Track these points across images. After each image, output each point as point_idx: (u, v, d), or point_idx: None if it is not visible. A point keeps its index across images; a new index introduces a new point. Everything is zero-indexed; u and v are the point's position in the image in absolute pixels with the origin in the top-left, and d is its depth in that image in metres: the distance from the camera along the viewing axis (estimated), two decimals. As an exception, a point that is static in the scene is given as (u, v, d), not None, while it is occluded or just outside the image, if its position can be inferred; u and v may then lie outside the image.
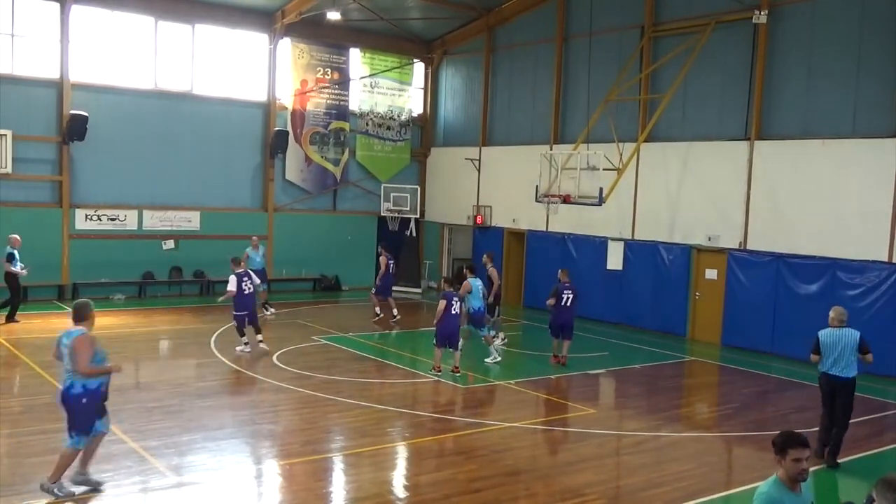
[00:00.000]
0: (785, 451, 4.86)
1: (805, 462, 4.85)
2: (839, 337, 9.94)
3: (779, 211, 17.26)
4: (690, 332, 18.95)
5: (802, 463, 4.83)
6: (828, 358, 9.95)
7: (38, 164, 20.32)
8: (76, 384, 7.71)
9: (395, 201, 24.91)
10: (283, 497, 8.49)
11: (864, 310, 15.57)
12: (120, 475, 8.51)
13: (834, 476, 9.73)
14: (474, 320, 15.22)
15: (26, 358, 13.75)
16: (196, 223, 22.50)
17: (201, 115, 22.45)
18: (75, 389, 7.71)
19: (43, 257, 20.18)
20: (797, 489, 4.92)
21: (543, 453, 10.06)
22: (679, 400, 13.87)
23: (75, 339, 7.67)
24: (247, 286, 15.11)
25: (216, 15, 22.29)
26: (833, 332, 10.00)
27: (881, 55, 15.80)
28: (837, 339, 9.94)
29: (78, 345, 7.62)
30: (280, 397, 12.19)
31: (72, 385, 7.72)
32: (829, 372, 9.98)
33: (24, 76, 19.96)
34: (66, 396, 7.73)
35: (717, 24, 18.19)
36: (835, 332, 9.99)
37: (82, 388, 7.72)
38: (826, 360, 9.97)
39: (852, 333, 9.96)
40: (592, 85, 19.97)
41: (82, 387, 7.72)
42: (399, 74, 26.00)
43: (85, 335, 7.73)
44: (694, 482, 9.16)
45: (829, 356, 9.94)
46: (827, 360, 9.96)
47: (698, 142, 18.81)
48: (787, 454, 4.85)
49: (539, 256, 22.50)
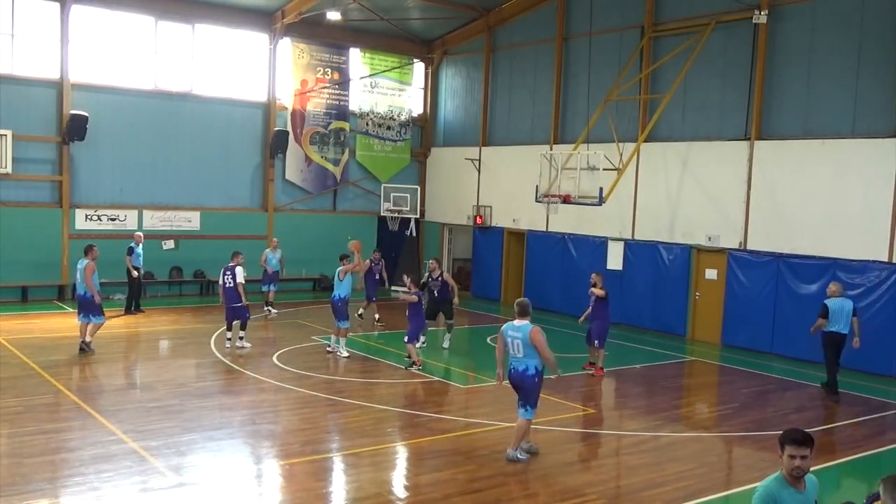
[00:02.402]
0: (783, 446, 5.01)
1: (799, 459, 4.95)
2: (842, 305, 13.25)
3: (779, 211, 17.26)
4: (690, 332, 18.96)
5: (796, 460, 4.94)
6: (836, 321, 13.15)
7: (38, 164, 20.33)
8: (530, 366, 9.47)
9: (395, 201, 24.90)
10: (282, 497, 8.49)
11: (864, 310, 15.56)
12: (120, 475, 8.51)
13: (834, 476, 9.74)
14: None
15: (26, 358, 13.75)
16: (196, 223, 22.51)
17: (201, 115, 22.46)
18: (530, 371, 9.48)
19: (43, 257, 20.22)
20: (800, 486, 5.00)
21: (543, 453, 10.04)
22: (679, 400, 13.87)
23: (530, 332, 9.41)
24: (227, 280, 15.27)
25: (216, 15, 22.29)
26: (837, 300, 13.27)
27: (881, 55, 15.81)
28: (841, 306, 13.23)
29: (535, 336, 9.39)
30: (280, 397, 12.19)
31: (526, 368, 9.48)
32: (837, 330, 13.19)
33: (24, 76, 19.97)
34: (525, 378, 9.49)
35: (717, 24, 18.19)
36: (838, 301, 13.27)
37: (535, 370, 9.48)
38: (835, 323, 13.15)
39: (849, 302, 13.42)
40: (592, 85, 19.97)
41: (535, 369, 9.48)
42: (399, 74, 26.01)
43: (535, 328, 9.51)
44: (694, 482, 9.15)
45: (837, 319, 13.15)
46: (836, 323, 13.16)
47: (698, 142, 18.81)
48: (784, 450, 5.00)
49: (539, 256, 22.51)
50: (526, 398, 9.55)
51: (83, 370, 13.53)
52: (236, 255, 15.72)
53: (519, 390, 9.63)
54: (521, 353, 9.49)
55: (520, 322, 9.57)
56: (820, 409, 13.24)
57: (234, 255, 15.71)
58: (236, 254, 15.76)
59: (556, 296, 21.64)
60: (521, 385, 9.56)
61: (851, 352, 15.72)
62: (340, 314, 15.19)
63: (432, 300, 16.56)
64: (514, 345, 9.55)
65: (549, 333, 19.17)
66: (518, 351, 9.52)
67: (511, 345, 9.58)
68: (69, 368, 13.56)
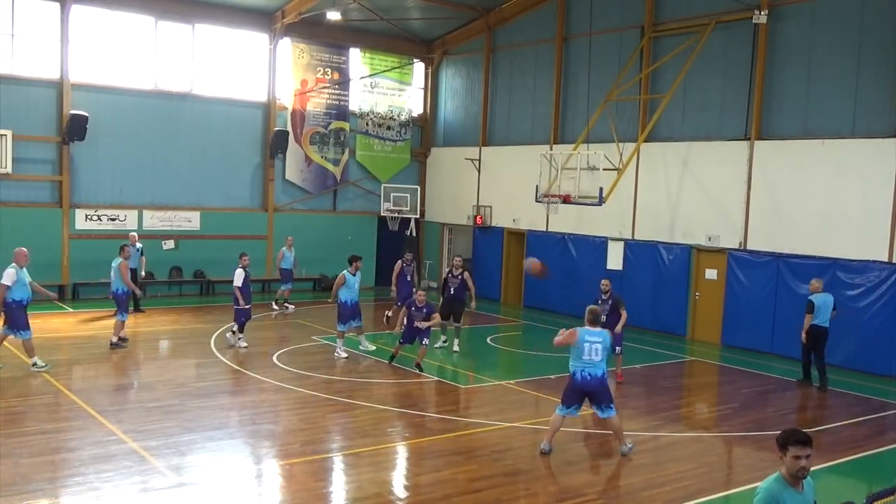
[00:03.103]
0: (786, 448, 4.98)
1: (804, 459, 4.94)
2: (825, 300, 14.12)
3: (779, 211, 17.26)
4: (690, 332, 18.96)
5: (801, 460, 4.93)
6: (819, 315, 13.96)
7: (38, 164, 20.33)
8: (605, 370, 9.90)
9: (395, 201, 24.90)
10: (282, 497, 8.49)
11: (864, 310, 15.61)
12: (120, 475, 8.52)
13: (834, 476, 9.73)
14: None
15: (26, 358, 13.75)
16: (196, 223, 22.51)
17: (201, 115, 22.46)
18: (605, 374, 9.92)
19: (43, 257, 20.16)
20: (799, 487, 5.01)
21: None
22: (679, 400, 13.87)
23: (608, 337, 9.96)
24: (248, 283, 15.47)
25: (216, 15, 22.30)
26: (820, 296, 14.13)
27: (881, 55, 15.81)
28: (824, 300, 14.10)
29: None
30: (280, 397, 12.19)
31: (603, 372, 9.87)
32: (818, 324, 13.98)
33: (24, 76, 19.96)
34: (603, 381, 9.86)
35: (717, 24, 18.19)
36: (822, 296, 14.14)
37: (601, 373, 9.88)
38: (818, 317, 13.96)
39: (830, 297, 14.27)
40: (592, 85, 19.97)
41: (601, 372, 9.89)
42: (399, 74, 26.01)
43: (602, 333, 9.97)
44: (694, 482, 9.15)
45: (820, 313, 13.97)
46: (819, 317, 13.96)
47: (698, 142, 18.81)
48: (787, 451, 4.97)
49: (539, 256, 22.35)
50: (604, 398, 9.87)
51: (83, 370, 13.53)
52: (240, 257, 15.72)
53: (594, 395, 9.84)
54: (599, 357, 9.78)
55: (594, 328, 9.90)
56: (820, 409, 13.25)
57: (239, 256, 15.74)
58: (240, 256, 15.76)
59: (556, 296, 21.65)
60: (599, 389, 9.82)
61: (852, 352, 15.78)
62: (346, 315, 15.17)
63: (448, 299, 16.17)
64: (592, 350, 9.74)
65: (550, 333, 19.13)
66: (596, 355, 9.76)
67: (589, 350, 9.74)
68: (69, 368, 13.56)
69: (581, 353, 9.76)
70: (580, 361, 9.78)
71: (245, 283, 15.32)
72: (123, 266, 15.39)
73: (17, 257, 13.01)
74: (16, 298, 12.83)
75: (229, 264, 22.61)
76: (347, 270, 15.35)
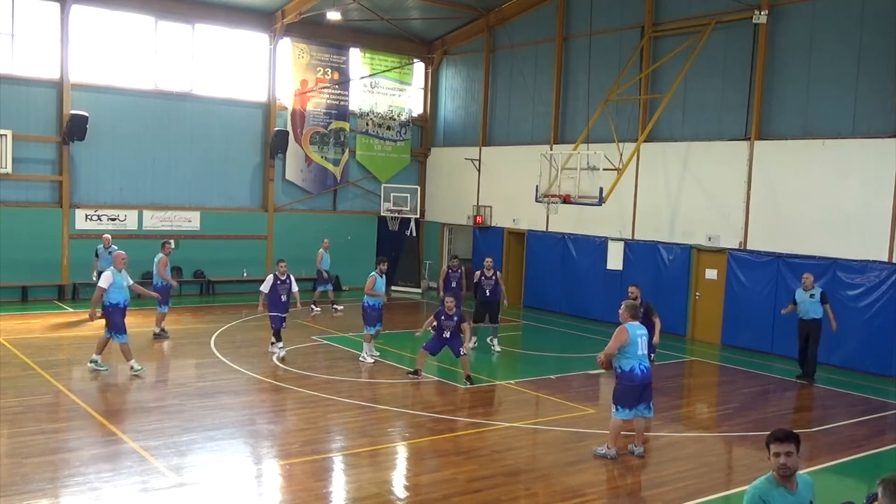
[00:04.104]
0: (768, 446, 5.04)
1: (784, 457, 4.94)
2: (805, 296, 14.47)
3: (779, 211, 17.26)
4: (690, 332, 18.96)
5: (781, 457, 4.95)
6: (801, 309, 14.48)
7: (38, 164, 20.32)
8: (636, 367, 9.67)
9: (395, 201, 24.91)
10: (282, 497, 8.49)
11: (864, 310, 15.61)
12: (120, 475, 8.51)
13: (834, 476, 9.73)
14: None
15: (26, 358, 13.75)
16: (196, 223, 22.51)
17: (201, 115, 22.45)
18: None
19: (43, 257, 20.21)
20: (790, 486, 4.99)
21: (543, 453, 10.06)
22: (679, 400, 13.86)
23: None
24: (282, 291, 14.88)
25: (216, 15, 22.29)
26: (804, 292, 14.49)
27: (881, 55, 15.80)
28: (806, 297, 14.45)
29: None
30: (280, 397, 12.19)
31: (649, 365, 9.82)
32: (804, 318, 14.51)
33: (24, 76, 19.96)
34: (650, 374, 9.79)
35: (717, 24, 18.19)
36: (804, 293, 14.47)
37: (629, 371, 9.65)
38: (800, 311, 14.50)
39: (817, 292, 14.48)
40: (592, 85, 19.97)
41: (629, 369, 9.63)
42: (399, 74, 26.00)
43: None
44: (694, 482, 9.15)
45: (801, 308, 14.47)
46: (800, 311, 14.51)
47: (698, 142, 18.81)
48: (769, 449, 5.02)
49: (539, 256, 22.51)
50: (649, 396, 9.86)
51: (83, 370, 13.52)
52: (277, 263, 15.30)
53: (646, 389, 9.77)
54: (644, 351, 9.75)
55: (635, 322, 9.85)
56: (820, 409, 13.25)
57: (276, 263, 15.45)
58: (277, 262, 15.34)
59: (556, 296, 21.65)
60: (649, 381, 9.80)
61: (852, 352, 15.78)
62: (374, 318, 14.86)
63: (482, 301, 16.27)
64: (643, 342, 9.72)
65: (550, 333, 19.14)
66: (643, 349, 9.72)
67: (642, 343, 9.70)
68: (69, 368, 13.56)
69: (636, 348, 9.60)
70: (635, 357, 9.58)
71: (274, 289, 14.81)
72: (162, 261, 16.06)
73: (115, 261, 13.28)
74: (112, 301, 12.92)
75: (229, 264, 22.85)
76: (375, 272, 14.98)
